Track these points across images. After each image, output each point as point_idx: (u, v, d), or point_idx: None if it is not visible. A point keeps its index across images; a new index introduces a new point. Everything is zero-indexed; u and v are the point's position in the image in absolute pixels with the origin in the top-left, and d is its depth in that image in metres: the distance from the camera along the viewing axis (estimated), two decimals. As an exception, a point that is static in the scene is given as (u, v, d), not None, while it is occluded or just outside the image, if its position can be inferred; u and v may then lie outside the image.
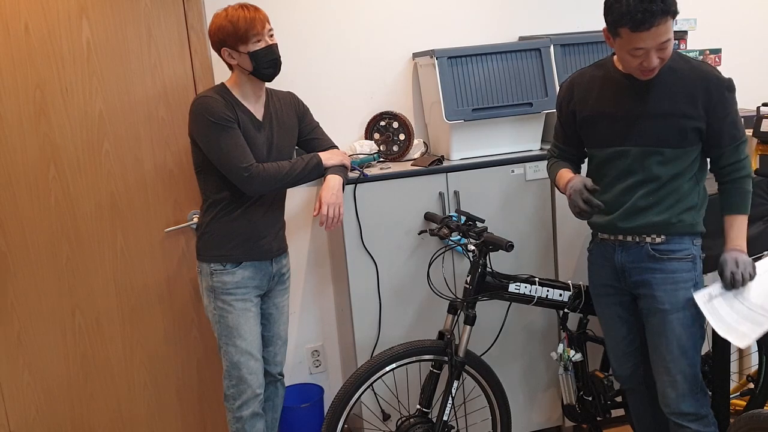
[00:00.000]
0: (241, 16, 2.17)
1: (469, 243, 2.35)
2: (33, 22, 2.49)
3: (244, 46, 2.18)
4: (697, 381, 2.15)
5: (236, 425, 2.38)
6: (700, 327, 2.13)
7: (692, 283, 2.12)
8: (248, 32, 2.16)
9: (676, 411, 2.15)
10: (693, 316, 2.11)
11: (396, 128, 2.84)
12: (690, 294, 2.10)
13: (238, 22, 2.16)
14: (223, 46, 2.20)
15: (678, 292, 2.11)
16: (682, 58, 2.07)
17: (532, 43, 2.74)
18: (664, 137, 2.06)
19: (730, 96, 2.05)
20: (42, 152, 2.57)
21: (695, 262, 2.13)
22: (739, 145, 2.09)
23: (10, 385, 2.67)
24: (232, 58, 2.22)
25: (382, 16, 2.91)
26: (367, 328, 2.68)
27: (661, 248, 2.12)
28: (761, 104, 2.94)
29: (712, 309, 2.05)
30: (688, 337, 2.12)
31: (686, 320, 2.11)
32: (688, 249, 2.12)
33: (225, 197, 2.28)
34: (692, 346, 2.13)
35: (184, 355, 2.84)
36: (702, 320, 2.11)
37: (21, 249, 2.60)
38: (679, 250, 2.12)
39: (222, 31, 2.18)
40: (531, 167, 2.72)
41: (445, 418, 2.34)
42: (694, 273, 2.13)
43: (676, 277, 2.12)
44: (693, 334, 2.12)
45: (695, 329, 2.12)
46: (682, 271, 2.11)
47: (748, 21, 3.36)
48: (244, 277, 2.31)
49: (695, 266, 2.13)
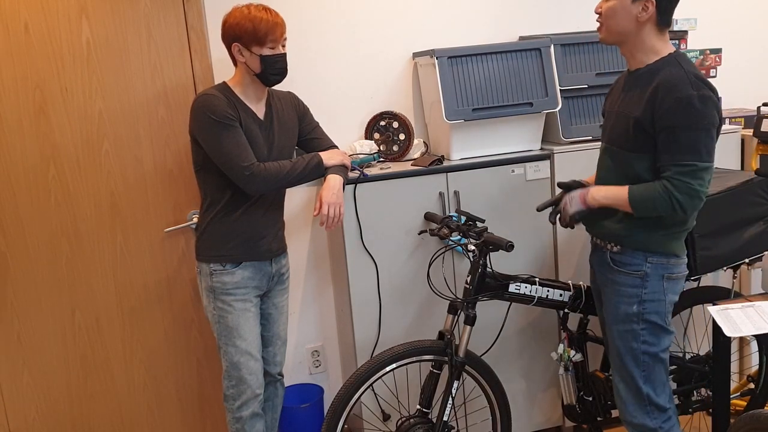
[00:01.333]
0: (263, 18, 2.16)
1: (469, 243, 2.35)
2: (33, 22, 2.49)
3: (258, 48, 2.18)
4: (641, 394, 2.13)
5: (236, 425, 2.38)
6: (648, 344, 2.09)
7: (636, 300, 2.07)
8: (267, 36, 2.17)
9: (624, 419, 2.19)
10: (634, 332, 2.09)
11: (396, 128, 2.84)
12: (631, 310, 2.08)
13: (259, 24, 2.16)
14: (236, 42, 2.20)
15: (619, 306, 2.11)
16: (677, 61, 1.96)
17: (532, 43, 2.74)
18: (615, 135, 2.06)
19: (688, 109, 1.86)
20: (42, 152, 2.57)
21: (645, 279, 2.06)
22: (686, 170, 1.89)
23: (10, 385, 2.67)
24: (242, 56, 2.22)
25: (382, 16, 2.91)
26: (367, 328, 2.68)
27: (616, 258, 2.11)
28: (761, 104, 2.94)
29: (725, 315, 2.04)
30: (627, 351, 2.12)
31: (625, 335, 2.11)
32: (640, 265, 2.07)
33: (225, 196, 2.28)
34: (631, 360, 2.11)
35: (183, 355, 2.84)
36: (656, 339, 2.08)
37: (21, 249, 2.60)
38: (629, 264, 2.08)
39: (240, 28, 2.17)
40: (531, 167, 2.72)
41: (445, 418, 2.34)
42: (641, 290, 2.07)
43: (621, 290, 2.11)
44: (632, 349, 2.11)
45: (636, 345, 2.10)
46: (627, 286, 2.09)
47: (748, 21, 3.36)
48: (243, 277, 2.31)
49: (644, 283, 2.07)
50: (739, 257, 2.44)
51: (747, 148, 2.98)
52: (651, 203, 1.95)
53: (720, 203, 2.35)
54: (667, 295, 2.09)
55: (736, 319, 2.06)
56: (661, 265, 2.06)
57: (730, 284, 2.72)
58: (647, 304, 2.07)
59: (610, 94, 2.21)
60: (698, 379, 2.54)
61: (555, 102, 2.72)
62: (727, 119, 3.09)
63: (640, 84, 1.99)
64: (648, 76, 1.97)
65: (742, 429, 1.95)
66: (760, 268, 2.57)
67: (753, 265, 2.76)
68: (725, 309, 2.06)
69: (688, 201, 1.91)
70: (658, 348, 2.11)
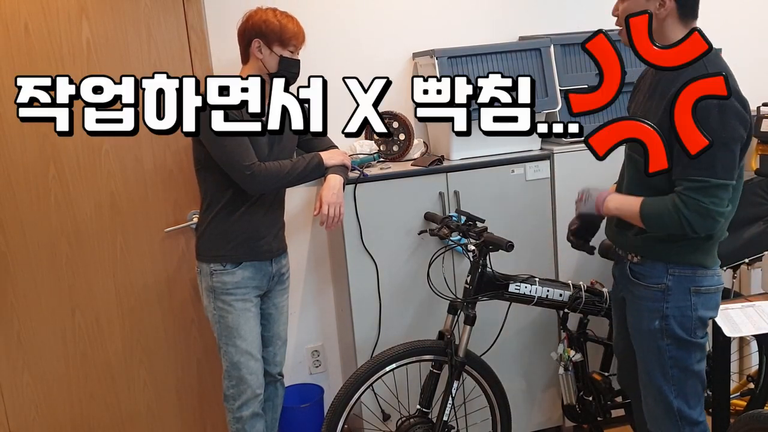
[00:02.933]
0: (290, 23, 2.27)
1: (469, 243, 2.35)
2: (33, 22, 2.49)
3: (280, 49, 2.24)
4: (671, 409, 1.99)
5: (236, 425, 2.38)
6: (675, 359, 1.96)
7: (658, 315, 1.93)
8: (291, 39, 2.25)
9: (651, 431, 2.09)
10: (659, 348, 1.95)
11: (396, 128, 2.84)
12: (654, 326, 1.95)
13: (287, 26, 2.24)
14: (259, 37, 2.23)
15: (642, 322, 1.99)
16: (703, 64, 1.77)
17: (532, 43, 2.74)
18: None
19: (705, 118, 1.70)
20: (42, 152, 2.57)
21: (667, 293, 1.92)
22: (697, 185, 1.76)
23: (10, 385, 2.67)
24: (260, 53, 2.25)
25: (382, 16, 2.91)
26: (367, 328, 2.68)
27: (636, 270, 2.00)
28: (761, 104, 2.94)
29: (725, 315, 2.03)
30: (654, 365, 1.99)
31: (650, 350, 1.99)
32: (660, 278, 1.93)
33: (225, 196, 2.28)
34: (660, 375, 1.98)
35: (183, 355, 2.84)
36: (685, 353, 1.94)
37: (21, 249, 2.60)
38: (649, 277, 1.95)
39: (267, 26, 2.22)
40: (531, 167, 2.72)
41: (445, 418, 2.34)
42: (662, 304, 1.93)
43: (642, 305, 1.98)
44: (661, 364, 1.97)
45: (663, 360, 1.96)
46: (648, 300, 1.96)
47: (748, 21, 3.36)
48: (243, 277, 2.31)
49: (666, 297, 1.92)
50: (739, 257, 2.44)
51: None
52: (660, 220, 1.84)
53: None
54: (696, 310, 1.92)
55: (736, 319, 2.06)
56: (685, 277, 1.91)
57: (730, 284, 2.72)
58: (671, 320, 1.92)
59: (634, 93, 2.08)
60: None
61: (555, 102, 2.72)
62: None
63: (662, 86, 1.86)
64: (671, 78, 1.82)
65: (742, 429, 1.95)
66: (760, 268, 2.57)
67: (753, 265, 2.76)
68: (725, 309, 2.05)
69: (698, 220, 1.77)
70: (688, 362, 1.96)
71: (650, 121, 1.79)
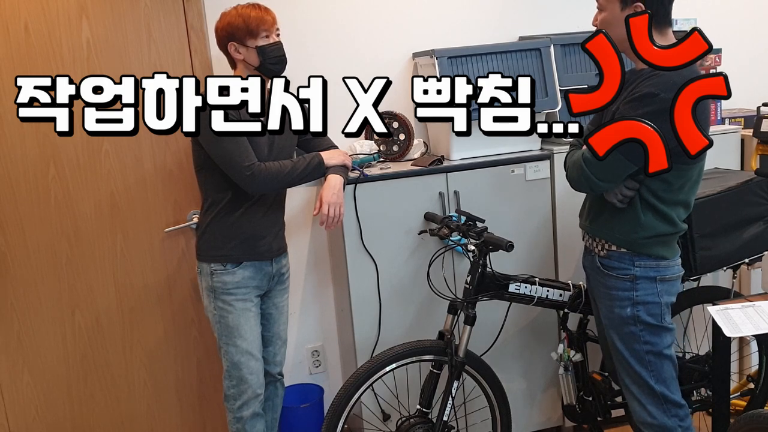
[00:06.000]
0: (252, 12, 2.23)
1: (469, 243, 2.35)
2: (33, 22, 2.49)
3: (252, 41, 2.22)
4: (655, 394, 2.11)
5: (236, 425, 2.38)
6: (650, 344, 2.09)
7: (629, 302, 2.07)
8: (258, 27, 2.22)
9: (642, 421, 2.16)
10: (633, 334, 2.08)
11: (396, 128, 2.84)
12: (626, 313, 2.08)
13: (249, 18, 2.21)
14: (231, 40, 2.23)
15: (613, 310, 2.11)
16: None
17: (532, 43, 2.74)
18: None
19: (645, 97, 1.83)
20: (42, 152, 2.57)
21: (635, 282, 2.06)
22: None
23: (10, 385, 2.67)
24: (239, 53, 2.24)
25: (382, 16, 2.91)
26: (367, 328, 2.68)
27: (605, 263, 2.11)
28: (761, 104, 2.94)
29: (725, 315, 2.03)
30: (631, 353, 2.11)
31: (624, 338, 2.11)
32: (628, 268, 2.07)
33: (226, 196, 2.28)
34: (637, 362, 2.10)
35: (183, 355, 2.84)
36: (657, 338, 2.08)
37: (21, 249, 2.60)
38: (618, 268, 2.08)
39: (231, 26, 2.22)
40: (531, 167, 2.72)
41: (445, 418, 2.34)
42: (632, 293, 2.07)
43: (613, 294, 2.10)
44: (636, 351, 2.10)
45: (639, 346, 2.09)
46: (618, 289, 2.09)
47: (748, 21, 3.36)
48: (244, 277, 2.31)
49: (635, 286, 2.06)
50: (739, 257, 2.44)
51: (747, 148, 2.98)
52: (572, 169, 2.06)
53: (720, 203, 2.35)
54: (662, 297, 2.07)
55: (736, 319, 2.06)
56: (650, 268, 2.05)
57: (730, 284, 2.72)
58: (641, 307, 2.07)
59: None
60: (698, 379, 2.53)
61: (555, 102, 2.72)
62: (727, 119, 3.09)
63: (630, 85, 1.94)
64: (639, 79, 1.92)
65: (742, 429, 1.95)
66: (760, 268, 2.56)
67: (753, 265, 2.75)
68: (725, 309, 2.05)
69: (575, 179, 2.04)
70: (661, 346, 2.10)
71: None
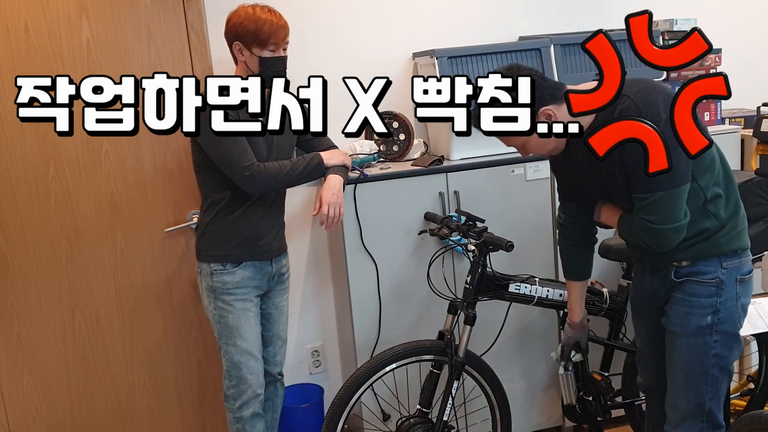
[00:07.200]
0: (267, 20, 2.18)
1: (469, 243, 2.35)
2: (33, 22, 2.49)
3: (259, 50, 2.20)
4: (702, 411, 1.97)
5: (236, 425, 2.38)
6: (719, 357, 1.95)
7: (711, 310, 1.92)
8: (269, 38, 2.18)
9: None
10: (706, 345, 1.94)
11: (396, 128, 2.84)
12: (705, 322, 1.93)
13: (262, 26, 2.17)
14: (238, 41, 2.21)
15: (691, 319, 1.95)
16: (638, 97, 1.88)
17: (532, 43, 2.74)
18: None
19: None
20: (42, 152, 2.57)
21: (720, 287, 1.92)
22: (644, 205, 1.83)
23: (10, 385, 2.67)
24: (242, 55, 2.23)
25: (382, 16, 2.91)
26: (367, 328, 2.68)
27: (685, 271, 1.96)
28: (761, 104, 2.94)
29: None
30: (697, 364, 1.96)
31: (695, 348, 1.95)
32: (715, 272, 1.92)
33: (225, 197, 2.28)
34: (701, 375, 1.96)
35: (183, 355, 2.84)
36: (728, 350, 1.95)
37: (21, 249, 2.60)
38: (704, 273, 1.93)
39: (242, 28, 2.18)
40: (531, 167, 2.72)
41: (445, 418, 2.34)
42: (716, 299, 1.92)
43: (693, 301, 1.95)
44: (704, 363, 1.95)
45: (707, 358, 1.94)
46: (701, 296, 1.94)
47: (748, 21, 3.36)
48: (244, 277, 2.31)
49: (719, 291, 1.92)
50: (739, 257, 2.43)
51: (747, 148, 2.98)
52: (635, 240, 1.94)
53: (720, 203, 2.34)
54: (739, 299, 1.95)
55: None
56: (734, 267, 1.94)
57: (730, 284, 2.71)
58: (722, 314, 1.93)
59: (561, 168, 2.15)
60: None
61: (555, 102, 2.71)
62: (727, 119, 3.09)
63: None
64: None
65: (742, 429, 1.95)
66: (759, 268, 2.56)
67: (753, 266, 2.75)
68: None
69: (653, 240, 1.87)
70: (728, 360, 1.98)
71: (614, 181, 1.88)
